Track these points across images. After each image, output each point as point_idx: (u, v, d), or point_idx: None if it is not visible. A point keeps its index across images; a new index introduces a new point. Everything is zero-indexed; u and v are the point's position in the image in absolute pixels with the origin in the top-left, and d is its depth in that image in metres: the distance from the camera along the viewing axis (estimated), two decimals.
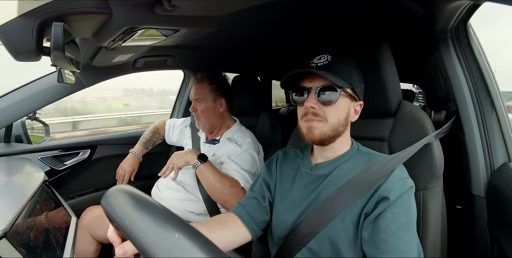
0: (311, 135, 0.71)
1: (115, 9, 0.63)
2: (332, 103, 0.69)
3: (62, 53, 0.58)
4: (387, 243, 0.61)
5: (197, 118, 1.32)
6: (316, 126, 0.71)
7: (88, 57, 1.09)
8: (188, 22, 0.75)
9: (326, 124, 0.70)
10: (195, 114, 1.32)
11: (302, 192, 0.76)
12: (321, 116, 0.70)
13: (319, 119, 0.71)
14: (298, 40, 1.41)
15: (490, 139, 0.85)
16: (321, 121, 0.71)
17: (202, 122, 1.31)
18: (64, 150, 1.44)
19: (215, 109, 1.32)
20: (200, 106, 1.30)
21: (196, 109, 1.30)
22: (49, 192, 0.97)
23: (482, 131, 0.86)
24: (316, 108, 0.70)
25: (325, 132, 0.70)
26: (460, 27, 0.89)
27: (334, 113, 0.70)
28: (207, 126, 1.32)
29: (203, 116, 1.30)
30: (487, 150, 0.85)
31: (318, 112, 0.70)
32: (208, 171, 1.09)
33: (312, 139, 0.71)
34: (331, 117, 0.70)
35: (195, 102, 1.31)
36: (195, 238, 0.31)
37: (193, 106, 1.31)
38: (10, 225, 0.62)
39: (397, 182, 0.67)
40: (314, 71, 0.69)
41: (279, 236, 0.77)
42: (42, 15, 0.57)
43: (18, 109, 1.15)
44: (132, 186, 0.40)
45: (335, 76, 0.69)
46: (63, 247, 0.81)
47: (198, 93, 1.31)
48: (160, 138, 1.56)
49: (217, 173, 1.10)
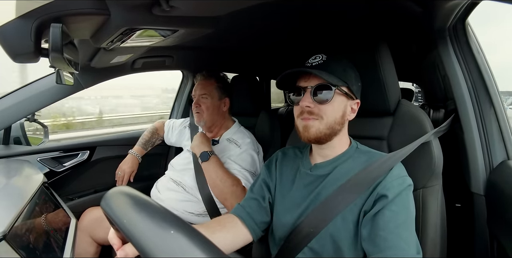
0: (307, 134, 0.72)
1: (113, 10, 0.63)
2: (327, 101, 0.70)
3: (61, 54, 0.58)
4: (386, 241, 0.61)
5: (199, 114, 1.30)
6: (312, 125, 0.71)
7: (87, 59, 1.09)
8: (186, 22, 0.74)
9: (322, 122, 0.71)
10: (198, 110, 1.30)
11: (302, 192, 0.76)
12: (316, 114, 0.71)
13: (314, 118, 0.71)
14: (296, 40, 1.41)
15: (489, 137, 0.85)
16: (317, 120, 0.71)
17: (204, 119, 1.29)
18: (63, 152, 1.44)
19: (219, 107, 1.32)
20: (205, 103, 1.29)
21: (199, 105, 1.29)
22: (48, 194, 0.96)
23: (481, 129, 0.86)
24: (312, 107, 0.70)
25: (321, 130, 0.71)
26: (458, 26, 0.89)
27: (330, 111, 0.71)
28: (208, 124, 1.31)
29: (206, 113, 1.29)
30: (486, 148, 0.86)
31: (313, 110, 0.71)
32: (212, 167, 1.11)
33: (308, 137, 0.72)
34: (327, 115, 0.71)
35: (199, 98, 1.30)
36: (196, 239, 0.30)
37: (196, 102, 1.30)
38: (10, 227, 0.62)
39: (395, 180, 0.67)
40: (308, 70, 0.69)
41: (280, 237, 0.77)
42: (40, 16, 0.57)
43: (16, 111, 1.15)
44: (131, 187, 0.40)
45: (330, 75, 0.69)
46: (63, 249, 0.81)
47: (204, 89, 1.30)
48: (159, 138, 1.55)
49: (219, 171, 1.11)
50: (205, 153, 1.14)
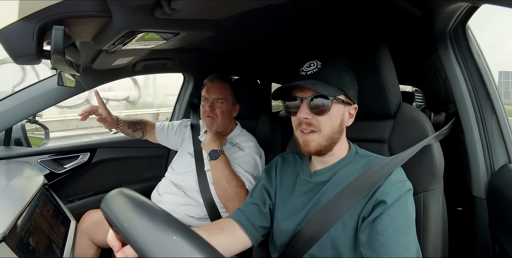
0: (307, 148, 0.72)
1: (115, 12, 0.63)
2: (325, 112, 0.69)
3: (63, 56, 0.58)
4: (384, 246, 0.60)
5: (211, 119, 1.25)
6: (312, 139, 0.71)
7: (88, 61, 1.10)
8: (188, 25, 0.75)
9: (321, 134, 0.70)
10: (211, 113, 1.24)
11: (302, 200, 0.76)
12: (315, 126, 0.70)
13: (313, 130, 0.71)
14: (297, 43, 1.42)
15: (490, 140, 0.85)
16: (315, 132, 0.71)
17: (217, 123, 1.25)
18: (64, 153, 1.44)
19: (231, 112, 1.30)
20: (220, 107, 1.24)
21: (213, 109, 1.24)
22: (49, 196, 0.96)
23: (482, 132, 0.86)
24: (310, 119, 0.70)
25: (321, 143, 0.71)
26: (459, 29, 0.90)
27: (328, 122, 0.70)
28: (220, 129, 1.28)
29: (221, 118, 1.25)
30: (487, 151, 0.85)
31: (312, 122, 0.70)
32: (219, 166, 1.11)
33: (309, 151, 0.72)
34: (325, 127, 0.70)
35: (214, 102, 1.24)
36: (195, 242, 0.30)
37: (211, 105, 1.23)
38: (9, 228, 0.62)
39: (394, 185, 0.66)
40: (302, 84, 0.69)
41: (281, 243, 0.76)
42: (42, 18, 0.57)
43: (18, 112, 1.15)
44: (132, 190, 0.40)
45: (326, 85, 0.69)
46: (62, 251, 0.80)
47: (221, 93, 1.25)
48: (142, 130, 1.42)
49: (226, 170, 1.10)
50: (214, 151, 1.13)
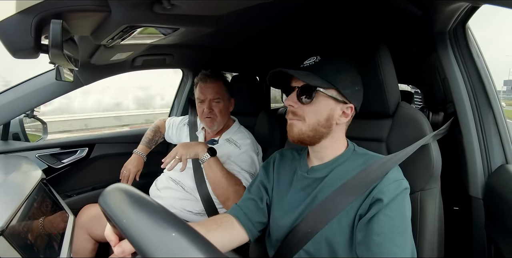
0: (291, 133, 0.74)
1: (114, 7, 0.62)
2: (308, 102, 0.70)
3: (61, 51, 0.58)
4: (379, 246, 0.61)
5: (211, 119, 1.25)
6: (295, 125, 0.72)
7: (87, 55, 1.09)
8: (187, 21, 0.74)
9: (305, 123, 0.71)
10: (210, 114, 1.24)
11: (299, 196, 0.76)
12: (299, 115, 0.72)
13: (298, 119, 0.72)
14: (297, 40, 1.41)
15: (488, 141, 0.85)
16: (300, 121, 0.72)
17: (217, 123, 1.26)
18: (62, 148, 1.43)
19: (228, 109, 1.30)
20: (218, 106, 1.25)
21: (212, 110, 1.24)
22: (47, 190, 0.96)
23: (480, 133, 0.86)
24: (295, 107, 0.72)
25: (304, 131, 0.71)
26: (458, 29, 0.89)
27: (313, 113, 0.71)
28: (220, 127, 1.29)
29: (220, 116, 1.25)
30: (484, 152, 0.86)
31: (297, 111, 0.72)
32: (217, 165, 1.09)
33: (292, 136, 0.74)
34: (309, 117, 0.71)
35: (211, 103, 1.24)
36: (193, 238, 0.30)
37: (209, 107, 1.24)
38: (7, 223, 0.62)
39: (391, 184, 0.66)
40: (290, 72, 0.70)
41: (277, 239, 0.77)
42: (40, 12, 0.57)
43: (16, 107, 1.15)
44: (130, 185, 0.40)
45: (314, 77, 0.69)
46: (60, 245, 0.80)
47: (217, 93, 1.25)
48: (162, 136, 1.54)
49: (224, 169, 1.10)
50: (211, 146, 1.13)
